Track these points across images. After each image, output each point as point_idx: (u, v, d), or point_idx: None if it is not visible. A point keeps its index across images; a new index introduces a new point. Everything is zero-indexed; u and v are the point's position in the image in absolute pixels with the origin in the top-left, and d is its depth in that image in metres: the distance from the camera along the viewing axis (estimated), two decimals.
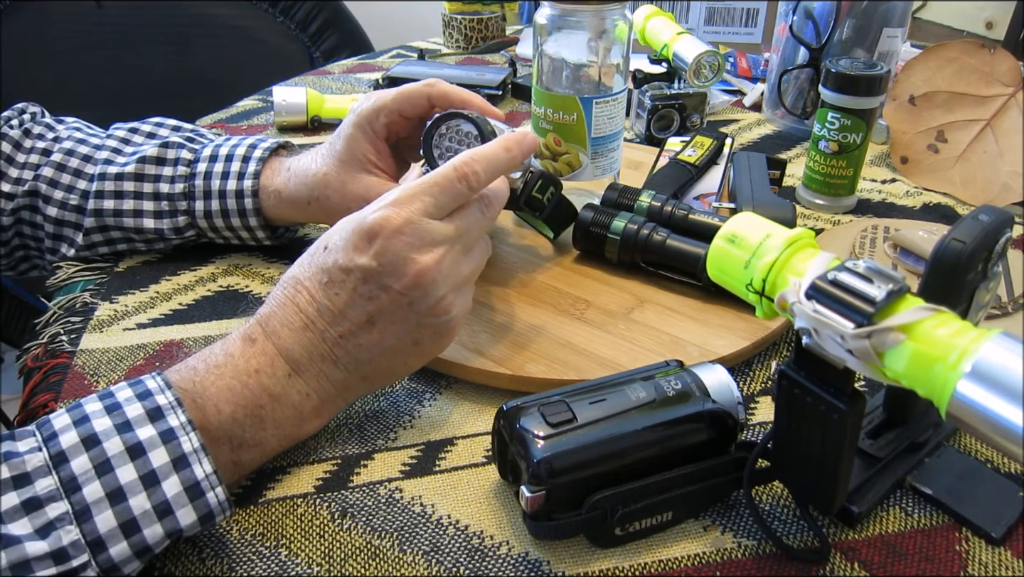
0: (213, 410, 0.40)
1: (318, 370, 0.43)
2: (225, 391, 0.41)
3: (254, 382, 0.41)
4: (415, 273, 0.42)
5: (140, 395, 0.38)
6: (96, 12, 1.43)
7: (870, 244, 0.65)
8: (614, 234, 0.59)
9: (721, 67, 0.90)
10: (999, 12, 1.25)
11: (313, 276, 0.43)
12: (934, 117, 0.80)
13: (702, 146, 0.73)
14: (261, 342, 0.43)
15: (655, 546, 0.40)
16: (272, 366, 0.42)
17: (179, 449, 0.37)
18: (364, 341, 0.43)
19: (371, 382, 0.45)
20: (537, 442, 0.38)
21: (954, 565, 0.39)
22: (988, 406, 0.28)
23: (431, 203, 0.44)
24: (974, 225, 0.37)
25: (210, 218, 0.61)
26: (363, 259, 0.42)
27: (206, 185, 0.61)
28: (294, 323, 0.43)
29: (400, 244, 0.42)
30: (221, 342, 0.43)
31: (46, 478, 0.34)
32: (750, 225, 0.37)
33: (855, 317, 0.31)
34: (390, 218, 0.42)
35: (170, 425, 0.37)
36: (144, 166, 0.61)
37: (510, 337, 0.53)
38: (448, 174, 0.45)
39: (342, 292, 0.42)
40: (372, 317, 0.43)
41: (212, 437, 0.39)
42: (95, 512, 0.34)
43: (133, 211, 0.61)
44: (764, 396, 0.51)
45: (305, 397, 0.43)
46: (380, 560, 0.40)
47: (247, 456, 0.41)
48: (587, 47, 0.61)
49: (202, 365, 0.42)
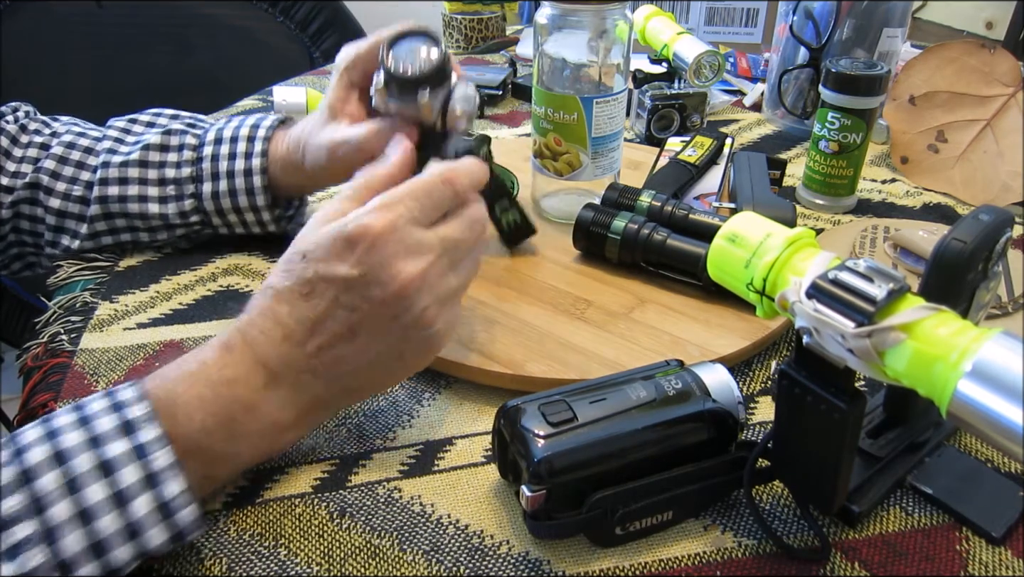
0: (184, 419, 0.38)
1: (296, 381, 0.41)
2: (196, 400, 0.39)
3: (227, 392, 0.39)
4: (399, 283, 0.40)
5: (114, 406, 0.37)
6: (96, 12, 1.43)
7: (870, 244, 0.65)
8: (614, 234, 0.59)
9: (721, 67, 0.90)
10: (999, 12, 1.25)
11: (292, 286, 0.41)
12: (934, 117, 0.80)
13: (702, 146, 0.73)
14: (239, 350, 0.41)
15: (655, 545, 0.40)
16: (248, 376, 0.40)
17: (151, 466, 0.35)
18: (345, 353, 0.41)
19: (354, 395, 0.44)
20: (537, 441, 0.38)
21: (954, 565, 0.39)
22: (989, 405, 0.28)
23: (416, 207, 0.42)
24: (974, 225, 0.37)
25: (217, 199, 0.61)
26: (344, 268, 0.40)
27: (214, 167, 0.61)
28: (273, 333, 0.41)
29: (383, 252, 0.40)
30: (197, 349, 0.42)
31: (13, 497, 0.33)
32: (751, 224, 0.37)
33: (856, 316, 0.31)
34: (371, 224, 0.40)
35: (142, 440, 0.36)
36: (148, 153, 0.61)
37: (510, 337, 0.53)
38: (432, 179, 0.43)
39: (322, 302, 0.40)
40: (354, 328, 0.41)
41: (183, 448, 0.37)
42: (64, 533, 0.33)
43: (138, 196, 0.61)
44: (764, 396, 0.51)
45: (281, 409, 0.41)
46: (380, 560, 0.40)
47: (220, 469, 0.40)
48: (587, 47, 0.61)
49: (175, 372, 0.40)
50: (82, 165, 0.61)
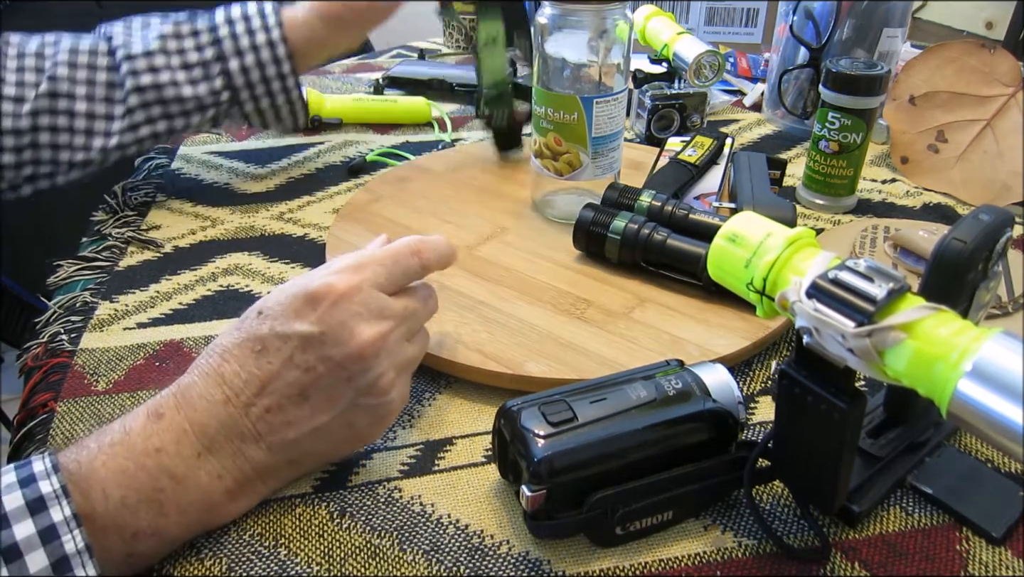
0: (99, 495, 0.35)
1: (235, 449, 0.39)
2: (117, 473, 0.36)
3: (152, 462, 0.37)
4: (359, 344, 0.39)
5: (23, 481, 0.34)
6: (96, 12, 1.43)
7: (870, 244, 0.65)
8: (614, 234, 0.59)
9: (721, 67, 0.90)
10: (999, 12, 1.25)
11: (243, 343, 0.39)
12: (934, 117, 0.80)
13: (702, 146, 0.73)
14: (170, 416, 0.38)
15: (655, 545, 0.40)
16: (178, 444, 0.37)
17: (60, 550, 0.33)
18: (293, 418, 0.39)
19: (297, 466, 0.42)
20: (538, 441, 0.38)
21: (954, 565, 0.39)
22: (989, 405, 0.28)
23: (382, 274, 0.41)
24: (975, 225, 0.37)
25: (247, 73, 0.66)
26: (303, 325, 0.39)
27: (235, 44, 0.65)
28: (214, 396, 0.39)
29: (346, 312, 0.39)
30: (122, 417, 0.39)
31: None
32: (751, 224, 0.37)
33: (856, 316, 0.31)
34: (335, 284, 0.39)
35: (52, 521, 0.33)
36: (167, 42, 0.64)
37: (510, 336, 0.53)
38: (401, 248, 0.43)
39: (275, 360, 0.39)
40: (305, 390, 0.39)
41: (99, 527, 0.35)
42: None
43: (171, 81, 0.64)
44: (764, 396, 0.51)
45: (216, 479, 0.38)
46: (380, 559, 0.40)
47: (144, 546, 0.37)
48: (588, 47, 0.61)
49: (95, 444, 0.37)
50: (93, 67, 0.63)
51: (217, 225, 0.69)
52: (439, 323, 0.53)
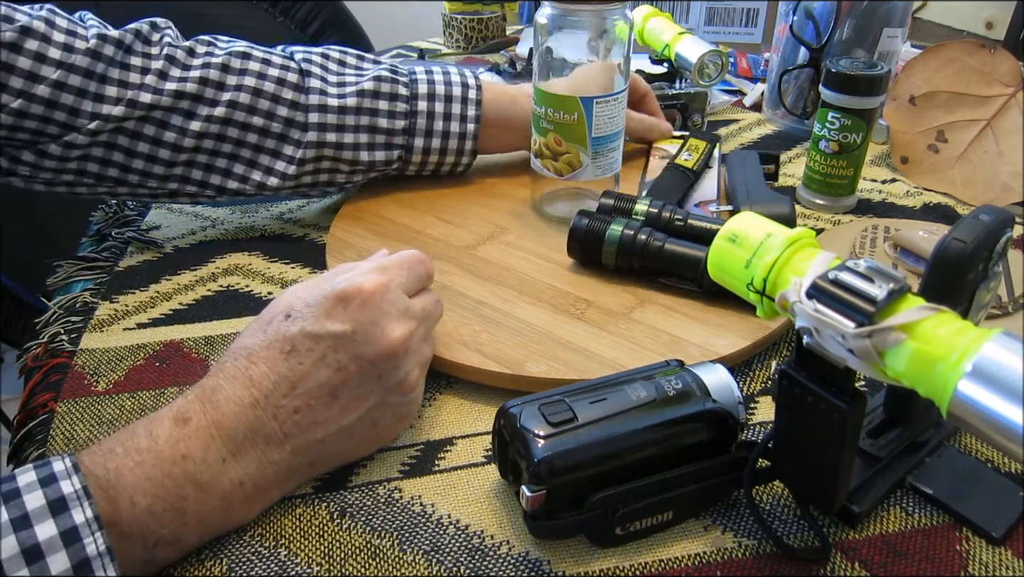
0: (127, 503, 0.35)
1: (260, 454, 0.39)
2: (143, 480, 0.36)
3: (179, 470, 0.36)
4: (390, 343, 0.40)
5: (43, 480, 0.34)
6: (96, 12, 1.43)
7: (870, 244, 0.65)
8: (610, 242, 0.58)
9: (725, 66, 0.90)
10: (999, 12, 1.24)
11: (272, 344, 0.40)
12: (934, 117, 0.80)
13: (697, 150, 0.73)
14: (196, 421, 0.38)
15: (655, 546, 0.40)
16: (204, 450, 0.37)
17: (82, 553, 0.32)
18: (321, 417, 0.40)
19: (316, 468, 0.42)
20: (538, 441, 0.38)
21: (954, 565, 0.39)
22: (989, 405, 0.28)
23: (404, 276, 0.43)
24: (975, 225, 0.37)
25: (427, 154, 0.66)
26: (336, 325, 0.39)
27: (428, 124, 0.65)
28: (242, 398, 0.39)
29: (376, 311, 0.40)
30: (146, 420, 0.38)
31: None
32: (751, 224, 0.37)
33: (856, 316, 0.31)
34: (364, 285, 0.40)
35: (74, 523, 0.33)
36: (363, 100, 0.63)
37: (510, 336, 0.53)
38: (412, 256, 0.46)
39: (306, 361, 0.39)
40: (335, 390, 0.40)
41: (123, 533, 0.34)
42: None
43: (353, 144, 0.63)
44: (764, 396, 0.51)
45: (238, 486, 0.38)
46: (380, 560, 0.40)
47: (163, 553, 0.37)
48: (587, 47, 0.61)
49: (120, 448, 0.37)
50: (277, 99, 0.61)
51: (217, 225, 0.69)
52: (439, 323, 0.53)
